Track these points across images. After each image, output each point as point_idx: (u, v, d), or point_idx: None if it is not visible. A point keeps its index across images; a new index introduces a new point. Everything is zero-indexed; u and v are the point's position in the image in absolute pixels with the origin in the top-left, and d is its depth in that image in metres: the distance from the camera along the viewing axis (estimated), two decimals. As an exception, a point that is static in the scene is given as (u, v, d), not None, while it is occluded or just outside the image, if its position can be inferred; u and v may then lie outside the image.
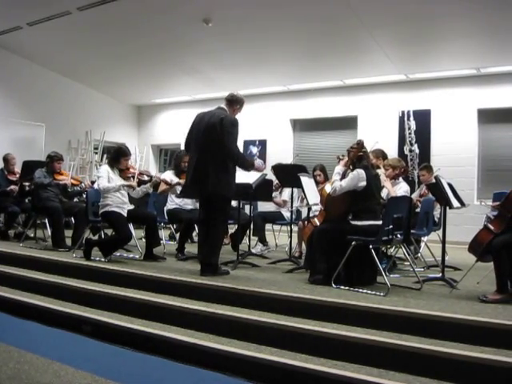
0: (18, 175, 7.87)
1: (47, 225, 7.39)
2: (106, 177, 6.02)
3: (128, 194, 6.24)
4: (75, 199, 8.26)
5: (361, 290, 4.51)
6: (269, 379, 3.36)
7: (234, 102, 5.32)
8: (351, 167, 5.00)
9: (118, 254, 6.38)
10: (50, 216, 7.01)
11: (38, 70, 11.68)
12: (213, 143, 5.00)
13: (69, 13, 8.83)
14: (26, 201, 8.00)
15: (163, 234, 7.38)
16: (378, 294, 4.37)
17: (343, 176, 4.97)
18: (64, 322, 4.49)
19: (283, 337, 3.76)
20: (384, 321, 3.76)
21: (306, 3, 7.88)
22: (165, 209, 6.94)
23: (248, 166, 5.30)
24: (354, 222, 4.79)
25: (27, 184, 7.61)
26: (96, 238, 6.94)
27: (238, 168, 5.22)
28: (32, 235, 7.74)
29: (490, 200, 6.05)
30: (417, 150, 10.37)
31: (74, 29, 9.49)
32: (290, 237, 6.42)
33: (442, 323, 3.60)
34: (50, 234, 7.14)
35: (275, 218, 7.50)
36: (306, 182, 5.78)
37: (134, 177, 6.32)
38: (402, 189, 6.04)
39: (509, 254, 4.15)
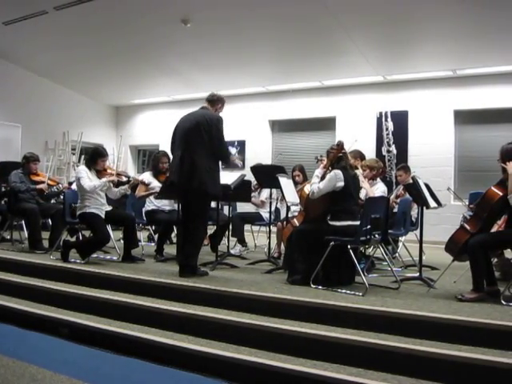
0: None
1: (24, 226, 7.28)
2: (86, 176, 5.94)
3: (106, 195, 6.18)
4: (52, 200, 8.16)
5: (339, 290, 4.53)
6: (248, 380, 3.36)
7: (216, 102, 5.35)
8: (330, 168, 5.01)
9: (96, 256, 6.31)
10: (27, 217, 6.90)
11: (14, 69, 11.50)
12: (200, 142, 5.00)
13: (45, 12, 8.72)
14: (2, 202, 7.88)
15: (141, 235, 7.34)
16: (356, 293, 4.39)
17: (322, 178, 4.98)
18: (41, 325, 4.44)
19: (262, 337, 3.76)
20: (362, 320, 3.78)
21: (284, 4, 7.91)
22: (143, 210, 6.90)
23: (229, 162, 5.52)
24: (332, 223, 4.80)
25: (3, 185, 7.51)
26: (73, 239, 6.87)
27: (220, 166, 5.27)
28: (8, 237, 7.61)
29: (466, 200, 6.14)
30: (394, 151, 10.47)
31: (50, 29, 9.39)
32: (269, 237, 6.42)
33: (420, 322, 3.63)
34: (26, 235, 7.04)
35: (254, 218, 7.50)
36: (285, 182, 5.78)
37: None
38: (379, 189, 6.09)
39: (485, 254, 4.21)
